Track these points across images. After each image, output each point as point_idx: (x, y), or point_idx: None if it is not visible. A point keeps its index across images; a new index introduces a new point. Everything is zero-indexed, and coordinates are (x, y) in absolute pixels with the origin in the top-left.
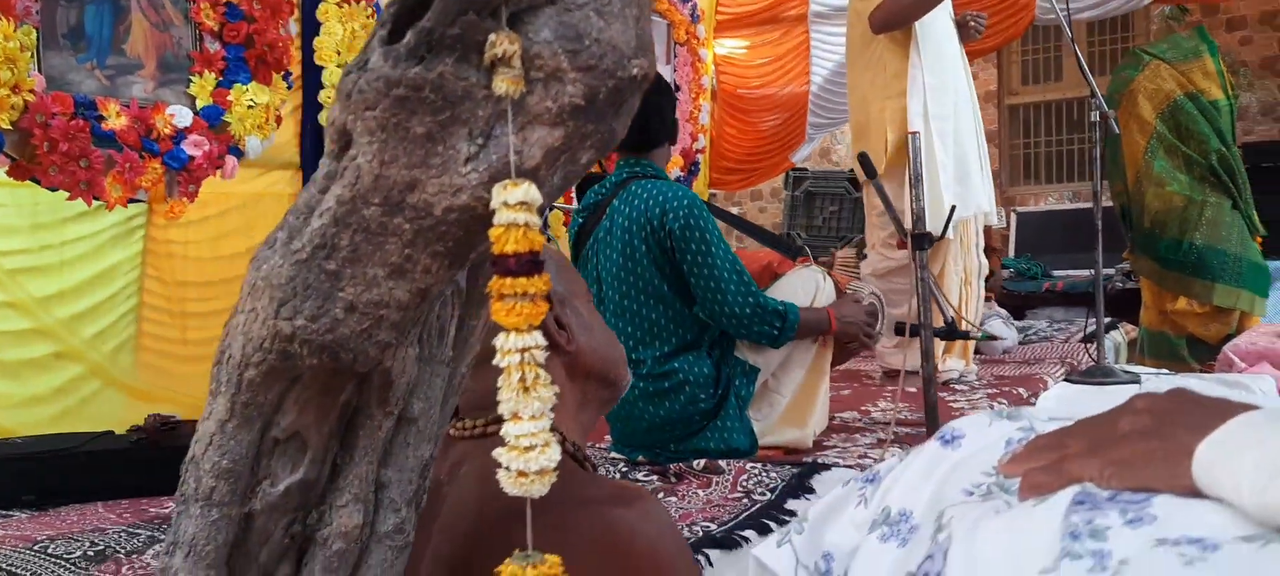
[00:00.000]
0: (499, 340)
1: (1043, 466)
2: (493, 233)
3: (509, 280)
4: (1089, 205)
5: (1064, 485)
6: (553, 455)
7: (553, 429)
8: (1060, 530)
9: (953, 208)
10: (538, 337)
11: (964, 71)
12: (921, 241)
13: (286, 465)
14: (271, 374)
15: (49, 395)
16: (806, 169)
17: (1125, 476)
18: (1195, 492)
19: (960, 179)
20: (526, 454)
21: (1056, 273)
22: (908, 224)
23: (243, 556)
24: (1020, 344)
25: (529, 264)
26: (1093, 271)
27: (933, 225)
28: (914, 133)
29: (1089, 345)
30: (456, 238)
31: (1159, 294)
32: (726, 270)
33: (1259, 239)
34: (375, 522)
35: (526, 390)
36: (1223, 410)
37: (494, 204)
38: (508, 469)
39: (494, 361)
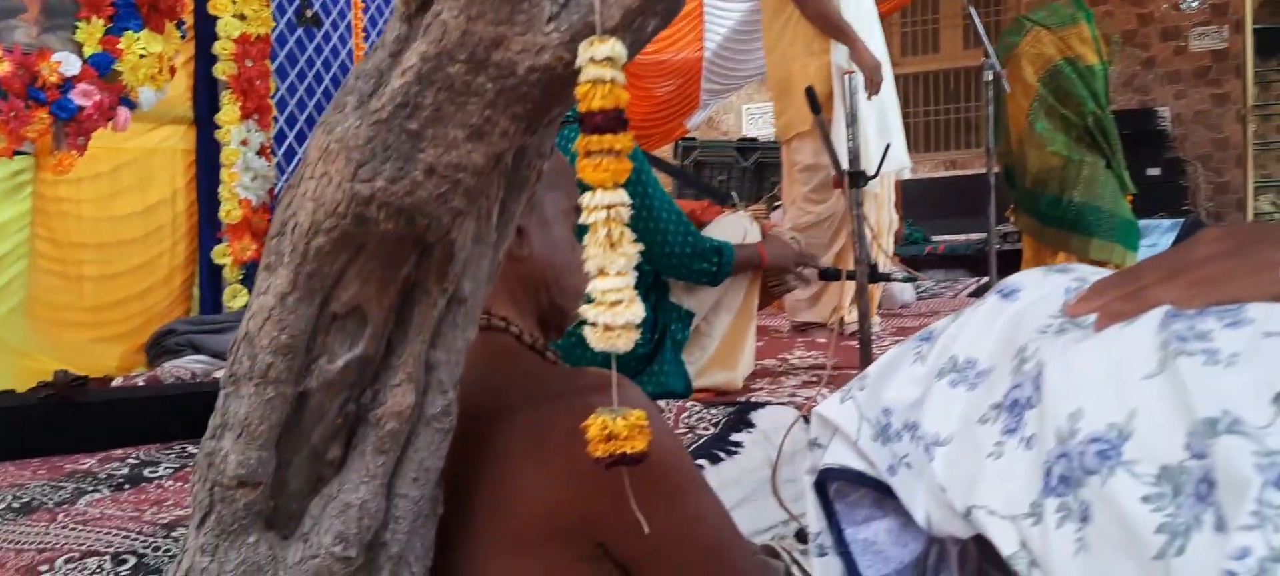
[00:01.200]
0: (585, 198)
1: (1120, 296)
2: (579, 90)
3: (595, 137)
4: (966, 173)
5: (1145, 310)
6: (638, 311)
7: (510, 325)
8: (1157, 341)
9: (887, 145)
10: (623, 195)
11: (879, 31)
12: (857, 180)
13: (345, 341)
14: (342, 241)
15: None
16: (695, 138)
17: (1208, 293)
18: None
19: (881, 133)
20: (613, 309)
21: (936, 238)
22: (844, 163)
23: (295, 436)
24: (916, 298)
25: (615, 120)
26: (969, 236)
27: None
28: (849, 72)
29: (977, 300)
30: (536, 99)
31: (1039, 249)
32: (664, 211)
33: (1129, 197)
34: (424, 404)
35: (613, 246)
36: None
37: (580, 60)
38: (594, 324)
39: (581, 219)
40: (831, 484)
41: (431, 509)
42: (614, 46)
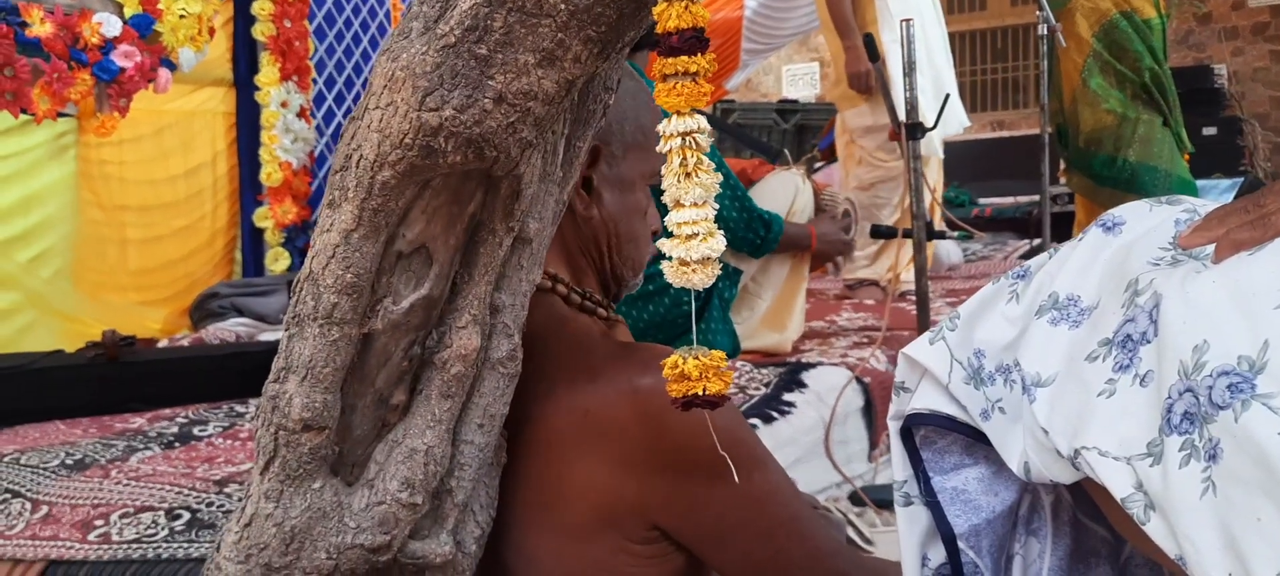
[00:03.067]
0: (662, 125)
1: (1244, 222)
2: (656, 9)
3: (671, 59)
4: (1014, 134)
5: (1273, 236)
6: (717, 244)
7: (558, 283)
8: None
9: (946, 96)
10: (701, 122)
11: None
12: (914, 132)
13: (410, 281)
14: (408, 174)
15: None
16: (734, 100)
17: None
18: None
19: (938, 91)
20: (688, 242)
21: (982, 200)
22: (901, 115)
23: (359, 380)
24: (964, 261)
25: (692, 41)
26: (1016, 199)
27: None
28: (907, 20)
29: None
30: (610, 21)
31: (1093, 211)
32: (717, 172)
33: (1187, 156)
34: (488, 348)
35: (688, 175)
36: None
37: None
38: (669, 258)
39: (657, 148)
40: (918, 430)
41: (495, 457)
42: None
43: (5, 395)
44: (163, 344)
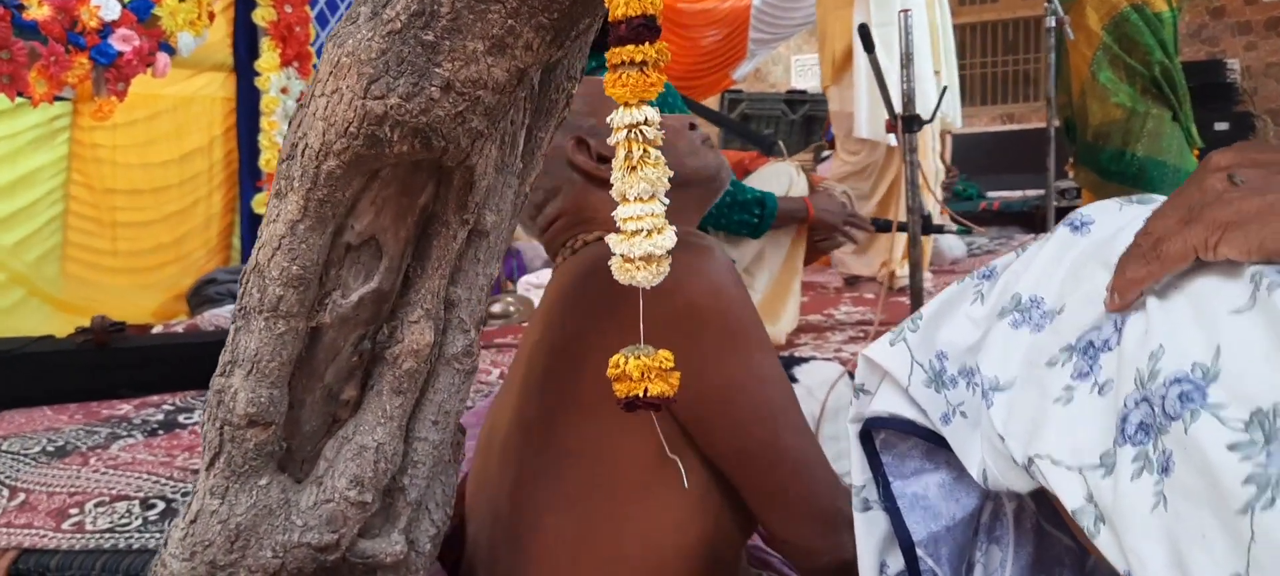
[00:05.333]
0: (611, 116)
1: (1138, 258)
2: None
3: (619, 48)
4: (1023, 127)
5: (1165, 271)
6: (665, 240)
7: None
8: (1248, 272)
9: (943, 89)
10: (651, 113)
11: None
12: (911, 123)
13: (359, 274)
14: (354, 164)
15: None
16: (742, 90)
17: (1238, 240)
18: None
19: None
20: (632, 238)
21: (991, 194)
22: (897, 106)
23: (307, 374)
24: (967, 255)
25: (641, 29)
26: (1024, 193)
27: (870, 130)
28: (905, 10)
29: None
30: (562, 8)
31: None
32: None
33: (1196, 151)
34: (443, 343)
35: (634, 169)
36: None
37: None
38: (615, 254)
39: (609, 139)
40: (878, 433)
41: (453, 454)
42: None
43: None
44: (157, 330)
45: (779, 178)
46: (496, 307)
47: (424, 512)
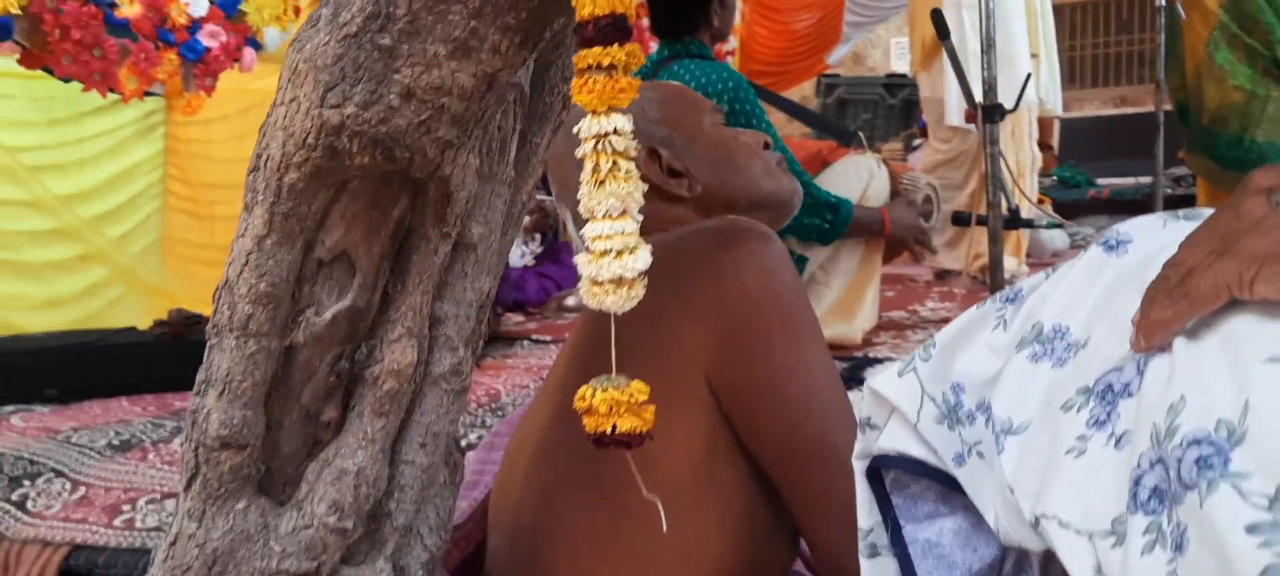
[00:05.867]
0: (578, 125)
1: (1165, 297)
2: None
3: (585, 50)
4: (1136, 111)
5: (1194, 312)
6: (636, 261)
7: None
8: None
9: (1027, 76)
10: (620, 121)
11: None
12: (993, 113)
13: (332, 291)
14: (316, 177)
15: (72, 297)
16: (839, 75)
17: (1278, 277)
18: None
19: (1005, 64)
20: (599, 260)
21: (1101, 181)
22: (978, 95)
23: (283, 395)
24: (1070, 248)
25: (609, 29)
26: (1137, 179)
27: (960, 117)
28: None
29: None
30: (530, 7)
31: (1215, 195)
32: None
33: None
34: (430, 362)
35: (602, 183)
36: None
37: None
38: (582, 277)
39: (576, 152)
40: (888, 472)
41: (450, 476)
42: None
43: (77, 371)
44: None
45: (859, 171)
46: (571, 300)
47: (415, 538)
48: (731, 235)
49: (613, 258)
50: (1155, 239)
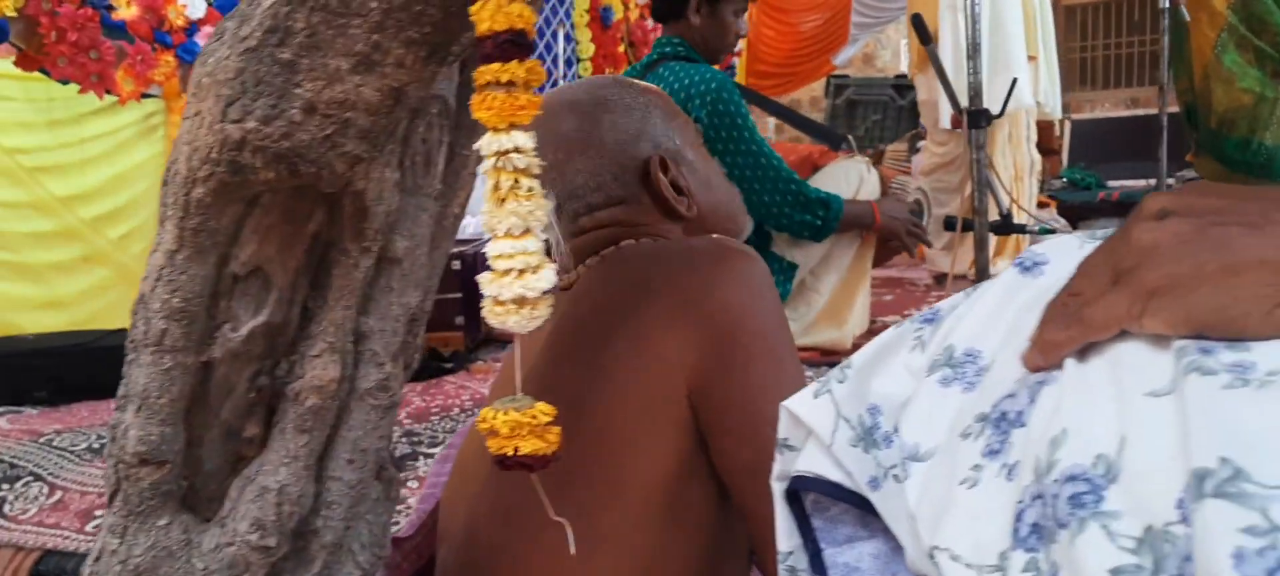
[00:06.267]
0: (478, 142)
1: (1059, 319)
2: (474, 8)
3: (485, 66)
4: (1148, 112)
5: (1083, 339)
6: (540, 281)
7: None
8: (1173, 356)
9: (1013, 81)
10: (521, 139)
11: None
12: (978, 119)
13: (248, 306)
14: (222, 192)
15: (73, 298)
16: (848, 76)
17: (1165, 310)
18: (1265, 329)
19: (1000, 68)
20: (502, 278)
21: (1112, 183)
22: (963, 100)
23: (203, 411)
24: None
25: (508, 45)
26: (1148, 181)
27: (944, 120)
28: None
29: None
30: (433, 20)
31: None
32: (762, 157)
33: None
34: (355, 378)
35: (502, 202)
36: None
37: None
38: (485, 296)
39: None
40: (808, 494)
41: (384, 492)
42: None
43: (69, 372)
44: None
45: (848, 176)
46: None
47: (346, 555)
48: (718, 252)
49: (515, 277)
50: (1072, 260)
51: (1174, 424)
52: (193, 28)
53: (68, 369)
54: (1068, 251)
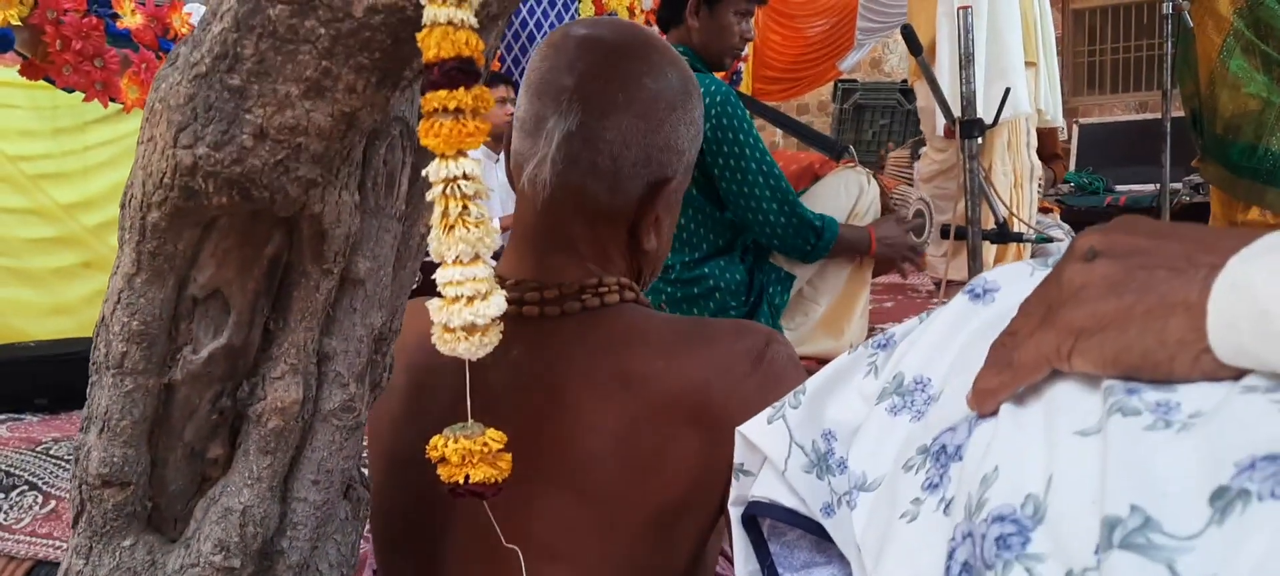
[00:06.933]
0: (427, 169)
1: (994, 365)
2: (420, 35)
3: (432, 93)
4: (1156, 117)
5: (1017, 383)
6: (488, 308)
7: (602, 286)
8: (1102, 395)
9: (1006, 90)
10: (468, 166)
11: None
12: (971, 128)
13: (208, 328)
14: (177, 216)
15: (76, 304)
16: (856, 80)
17: (1092, 350)
18: (1192, 372)
19: (997, 75)
20: (452, 306)
21: (1119, 188)
22: (955, 110)
23: (166, 433)
24: None
25: (455, 72)
26: (1158, 186)
27: (939, 128)
28: (964, 7)
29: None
30: (383, 47)
31: (1229, 204)
32: (761, 174)
33: None
34: (319, 399)
35: (451, 229)
36: (1220, 239)
37: None
38: (435, 324)
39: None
40: (764, 519)
41: (352, 512)
42: None
43: (68, 378)
44: None
45: (848, 186)
46: None
47: (314, 574)
48: (762, 343)
49: (464, 304)
50: (1022, 288)
51: (1097, 466)
52: None
53: (69, 376)
54: (1018, 279)
